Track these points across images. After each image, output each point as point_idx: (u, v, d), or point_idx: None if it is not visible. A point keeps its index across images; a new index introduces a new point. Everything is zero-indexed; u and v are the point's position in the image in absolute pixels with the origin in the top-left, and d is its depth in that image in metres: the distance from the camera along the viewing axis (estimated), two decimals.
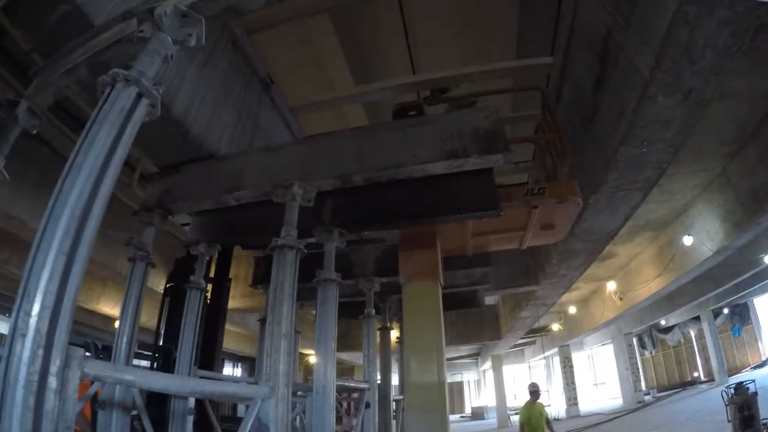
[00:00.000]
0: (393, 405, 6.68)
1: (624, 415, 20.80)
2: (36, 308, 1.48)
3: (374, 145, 3.64)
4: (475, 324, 18.55)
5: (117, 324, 3.87)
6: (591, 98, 5.18)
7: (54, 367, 1.48)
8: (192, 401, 4.20)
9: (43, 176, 6.99)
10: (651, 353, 30.57)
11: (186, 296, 4.52)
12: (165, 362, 5.32)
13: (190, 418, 4.18)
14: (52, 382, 1.48)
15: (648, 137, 4.79)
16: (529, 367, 41.93)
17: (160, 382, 2.35)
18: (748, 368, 23.74)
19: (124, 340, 3.77)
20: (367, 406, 5.14)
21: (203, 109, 3.99)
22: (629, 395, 24.82)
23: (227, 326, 7.61)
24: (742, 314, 25.87)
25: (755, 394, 9.22)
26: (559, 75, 6.04)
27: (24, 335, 1.48)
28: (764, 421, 8.97)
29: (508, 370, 36.24)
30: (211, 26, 2.57)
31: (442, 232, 5.35)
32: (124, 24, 2.79)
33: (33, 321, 1.48)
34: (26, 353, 1.46)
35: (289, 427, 2.85)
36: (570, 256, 8.38)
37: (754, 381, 9.86)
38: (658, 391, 27.20)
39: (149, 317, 9.09)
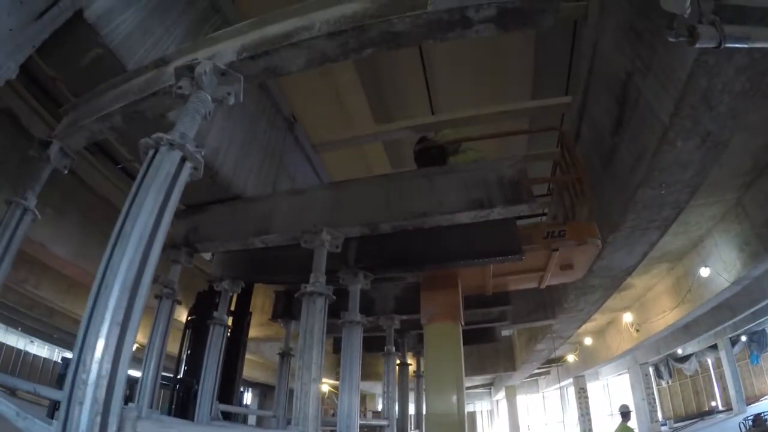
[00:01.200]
0: None
1: None
2: (93, 377, 1.52)
3: (401, 194, 3.75)
4: (490, 355, 18.47)
5: (144, 360, 3.92)
6: (609, 139, 5.26)
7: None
8: None
9: (64, 202, 7.10)
10: (668, 383, 30.07)
11: (209, 331, 4.62)
12: (186, 395, 5.38)
13: None
14: None
15: (666, 179, 4.86)
16: (543, 397, 41.31)
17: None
18: (766, 396, 23.40)
19: (150, 375, 3.81)
20: None
21: (231, 150, 4.10)
22: (646, 426, 24.43)
23: None
24: (760, 341, 25.41)
25: None
26: (577, 115, 6.13)
27: (81, 403, 1.50)
28: None
29: (522, 399, 35.76)
30: (249, 85, 2.66)
31: (463, 273, 5.41)
32: (157, 71, 2.91)
33: (90, 390, 1.51)
34: (84, 420, 1.48)
35: None
36: (587, 291, 8.43)
37: None
38: (675, 422, 26.61)
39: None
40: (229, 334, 4.98)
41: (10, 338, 28.43)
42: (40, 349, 21.11)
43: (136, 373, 4.41)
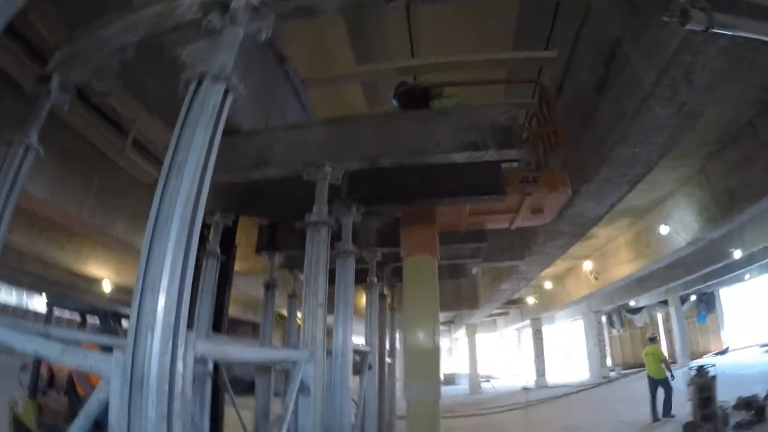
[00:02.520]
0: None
1: (590, 388, 21.74)
2: (161, 303, 1.62)
3: (399, 132, 3.96)
4: (453, 293, 18.96)
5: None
6: (592, 97, 5.57)
7: (180, 353, 1.64)
8: (211, 365, 4.49)
9: (40, 140, 7.10)
10: (619, 332, 31.83)
11: (202, 264, 4.69)
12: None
13: (209, 380, 4.41)
14: (180, 367, 1.62)
15: (642, 140, 5.27)
16: (501, 336, 43.07)
17: (242, 353, 2.75)
18: (709, 354, 24.94)
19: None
20: (369, 368, 5.51)
21: None
22: (596, 370, 25.92)
23: None
24: (709, 302, 27.23)
25: (714, 377, 9.97)
26: (562, 71, 6.39)
27: (152, 328, 1.59)
28: (720, 404, 9.76)
29: (481, 338, 37.08)
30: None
31: (441, 211, 5.66)
32: (169, 4, 2.73)
33: (160, 315, 1.61)
34: (156, 345, 1.57)
35: (325, 386, 3.20)
36: (556, 236, 8.98)
37: (714, 365, 10.63)
38: (623, 369, 28.17)
39: None
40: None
41: None
42: (7, 296, 20.62)
43: None
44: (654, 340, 13.37)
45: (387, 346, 7.74)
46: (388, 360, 7.29)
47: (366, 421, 5.56)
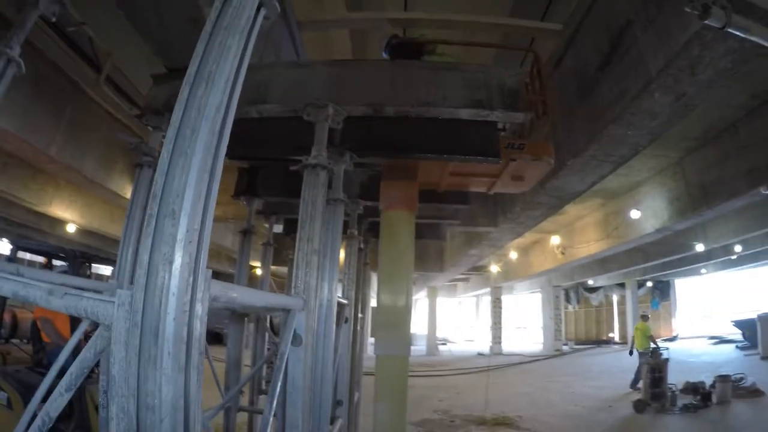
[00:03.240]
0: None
1: (544, 359, 23.14)
2: (182, 231, 1.33)
3: (406, 81, 3.89)
4: (420, 254, 19.04)
5: (123, 233, 3.61)
6: (593, 74, 5.56)
7: (200, 294, 1.37)
8: None
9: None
10: (575, 308, 33.11)
11: None
12: None
13: None
14: (199, 308, 1.36)
15: (635, 123, 5.34)
16: (459, 302, 43.99)
17: (251, 296, 2.61)
18: (659, 339, 26.08)
19: (129, 251, 3.50)
20: (346, 321, 5.47)
21: None
22: (549, 343, 27.15)
23: None
24: (663, 290, 28.60)
25: (667, 360, 10.89)
26: (565, 43, 6.35)
27: (171, 262, 1.30)
28: (669, 386, 10.55)
29: (440, 302, 37.76)
30: None
31: (423, 167, 5.65)
32: None
33: (181, 245, 1.32)
34: (175, 282, 1.30)
35: (316, 335, 3.19)
36: (534, 207, 9.06)
37: (668, 349, 11.80)
38: (576, 344, 29.78)
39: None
40: None
41: None
42: None
43: None
44: (645, 317, 14.32)
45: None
46: (360, 315, 7.34)
47: (339, 373, 5.61)
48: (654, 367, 10.62)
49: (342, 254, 5.12)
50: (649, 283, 28.09)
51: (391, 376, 5.12)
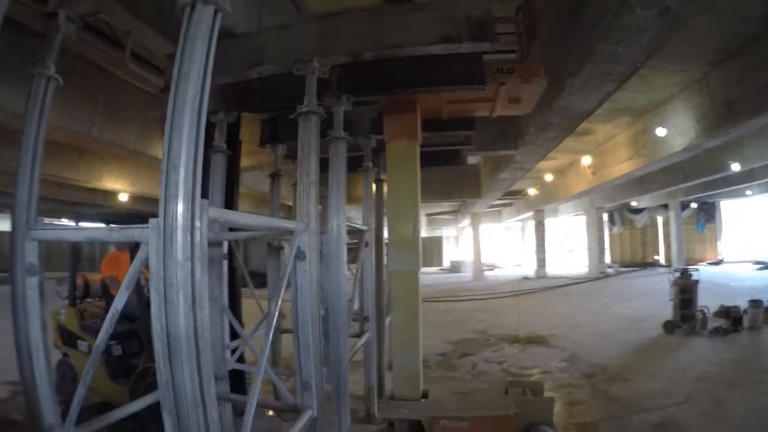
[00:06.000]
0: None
1: (587, 281, 23.16)
2: (182, 174, 2.04)
3: (380, 26, 4.24)
4: (456, 181, 19.56)
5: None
6: None
7: (197, 214, 2.08)
8: (226, 248, 4.96)
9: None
10: (619, 230, 32.86)
11: (211, 160, 5.01)
12: None
13: (225, 263, 4.96)
14: (198, 223, 2.07)
15: (623, 39, 5.44)
16: (506, 228, 44.28)
17: (247, 218, 3.23)
18: (704, 263, 25.81)
19: None
20: (366, 245, 6.09)
21: None
22: (594, 266, 26.92)
23: None
24: (709, 212, 27.88)
25: (696, 281, 10.70)
26: None
27: (176, 196, 2.01)
28: (701, 309, 10.50)
29: (486, 228, 38.00)
30: None
31: (420, 99, 6.00)
32: None
33: (181, 185, 2.03)
34: (179, 208, 2.01)
35: (319, 253, 3.77)
36: (546, 128, 9.27)
37: (698, 270, 11.35)
38: (620, 267, 29.44)
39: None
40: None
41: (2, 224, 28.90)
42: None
43: None
44: None
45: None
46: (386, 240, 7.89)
47: (364, 291, 6.23)
48: (683, 288, 10.61)
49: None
50: (694, 205, 27.44)
51: (403, 288, 5.72)
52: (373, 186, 6.81)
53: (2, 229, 31.79)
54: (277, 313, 3.43)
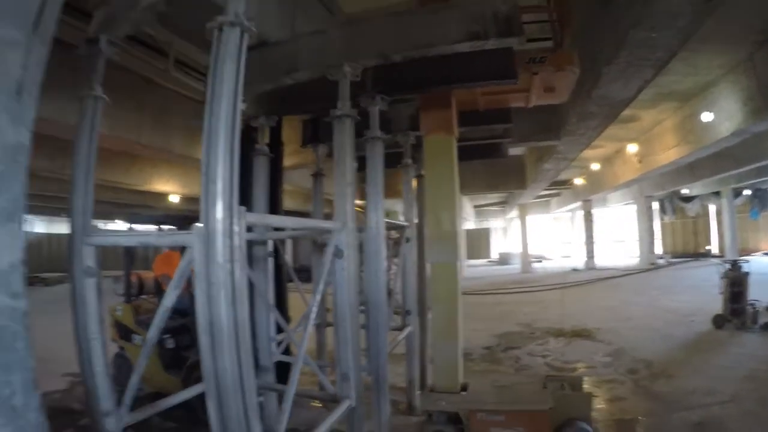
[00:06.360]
0: None
1: (636, 273, 22.36)
2: (220, 185, 2.26)
3: (408, 27, 4.29)
4: (501, 173, 19.52)
5: None
6: None
7: (235, 219, 2.31)
8: (271, 247, 5.23)
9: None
10: (670, 219, 31.41)
11: (254, 163, 5.35)
12: None
13: (271, 260, 5.26)
14: (236, 228, 2.30)
15: (657, 24, 5.35)
16: (554, 218, 43.59)
17: (283, 221, 3.56)
18: (759, 253, 24.84)
19: None
20: (407, 240, 6.23)
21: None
22: (645, 256, 26.21)
23: None
24: (763, 199, 26.22)
25: (747, 273, 10.14)
26: None
27: (215, 204, 2.24)
28: (751, 302, 9.98)
29: (534, 219, 37.48)
30: None
31: (455, 94, 6.11)
32: None
33: (220, 195, 2.26)
34: (219, 214, 2.24)
35: (356, 250, 3.94)
36: (587, 117, 9.15)
37: (748, 261, 10.76)
38: (672, 257, 28.43)
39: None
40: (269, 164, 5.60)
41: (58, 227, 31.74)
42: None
43: None
44: None
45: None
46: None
47: (406, 285, 6.40)
48: (733, 280, 10.10)
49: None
50: (747, 192, 25.88)
51: (442, 279, 5.81)
52: (414, 182, 6.91)
53: (60, 231, 33.65)
54: (315, 308, 3.61)
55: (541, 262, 34.56)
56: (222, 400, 2.24)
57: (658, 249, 28.16)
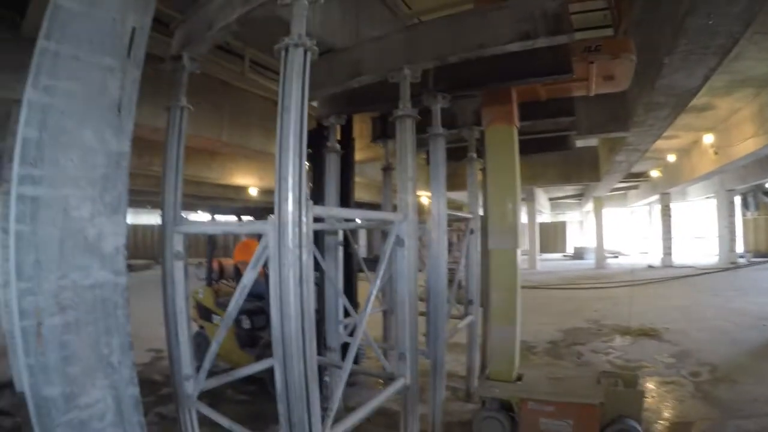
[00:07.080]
0: None
1: (714, 272, 21.18)
2: (290, 182, 2.59)
3: (462, 30, 4.49)
4: (575, 164, 19.37)
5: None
6: None
7: (303, 211, 2.63)
8: (341, 236, 5.63)
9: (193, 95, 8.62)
10: (753, 215, 28.76)
11: (325, 159, 5.74)
12: None
13: (341, 249, 5.68)
14: (304, 218, 2.62)
15: (713, 11, 5.28)
16: (631, 212, 42.12)
17: (347, 213, 4.07)
18: None
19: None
20: (472, 232, 6.55)
21: (318, 12, 4.29)
22: (724, 255, 24.77)
23: None
24: None
25: None
26: None
27: (287, 199, 2.56)
28: None
29: (611, 212, 36.32)
30: None
31: (516, 88, 6.04)
32: None
33: (290, 191, 2.58)
34: (290, 207, 2.57)
35: (417, 241, 4.26)
36: (654, 108, 9.02)
37: None
38: (754, 256, 26.37)
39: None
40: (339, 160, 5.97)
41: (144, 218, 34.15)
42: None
43: None
44: None
45: None
46: None
47: (469, 276, 6.74)
48: None
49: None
50: None
51: (502, 266, 5.89)
52: (479, 175, 7.11)
53: (144, 222, 36.21)
54: (375, 292, 3.96)
55: (617, 257, 33.48)
56: (287, 363, 2.63)
57: (739, 247, 26.32)
